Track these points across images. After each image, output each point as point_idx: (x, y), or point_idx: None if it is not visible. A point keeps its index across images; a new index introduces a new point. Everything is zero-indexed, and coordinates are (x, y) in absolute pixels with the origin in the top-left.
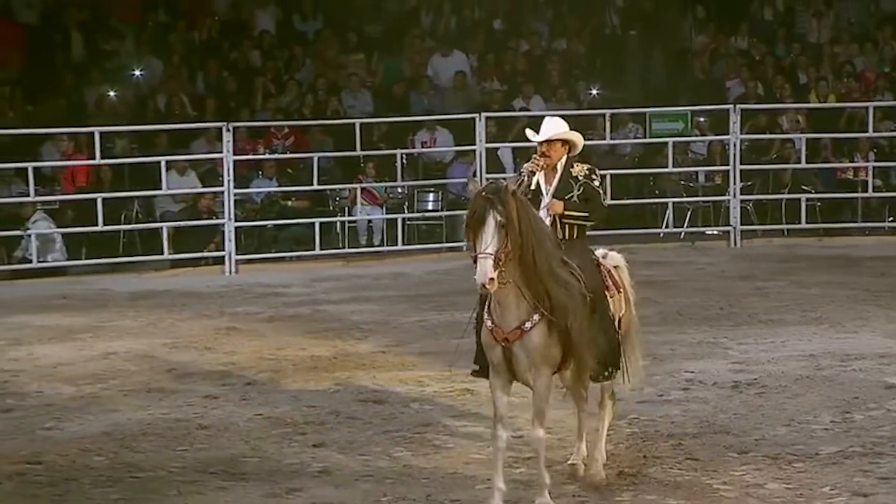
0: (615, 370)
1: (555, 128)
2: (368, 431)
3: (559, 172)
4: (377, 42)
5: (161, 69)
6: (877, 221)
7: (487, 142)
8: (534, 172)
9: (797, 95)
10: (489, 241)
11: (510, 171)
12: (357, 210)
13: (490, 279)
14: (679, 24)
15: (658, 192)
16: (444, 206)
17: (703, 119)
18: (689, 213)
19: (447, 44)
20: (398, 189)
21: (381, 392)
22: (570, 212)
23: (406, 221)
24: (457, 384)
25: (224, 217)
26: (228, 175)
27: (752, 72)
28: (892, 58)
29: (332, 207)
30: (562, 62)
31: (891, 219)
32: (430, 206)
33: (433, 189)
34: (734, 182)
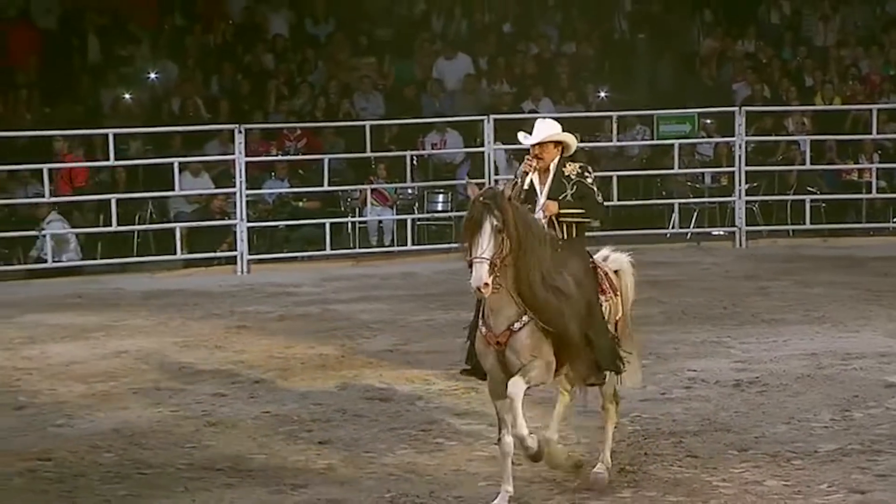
0: (608, 373)
1: (547, 130)
2: (374, 429)
3: (552, 173)
4: (388, 45)
5: (176, 72)
6: (881, 222)
7: (495, 143)
8: (527, 174)
9: (803, 98)
10: (485, 246)
11: (503, 173)
12: (367, 211)
13: (485, 283)
14: (687, 28)
15: (665, 193)
16: (454, 207)
17: (710, 121)
18: (696, 214)
19: (458, 47)
20: (408, 190)
21: (388, 390)
22: (566, 210)
23: (416, 222)
24: (462, 382)
25: (236, 218)
26: (240, 176)
27: (759, 75)
28: None
29: (343, 208)
30: (571, 65)
31: (895, 219)
32: (440, 207)
33: (443, 190)
34: (739, 183)
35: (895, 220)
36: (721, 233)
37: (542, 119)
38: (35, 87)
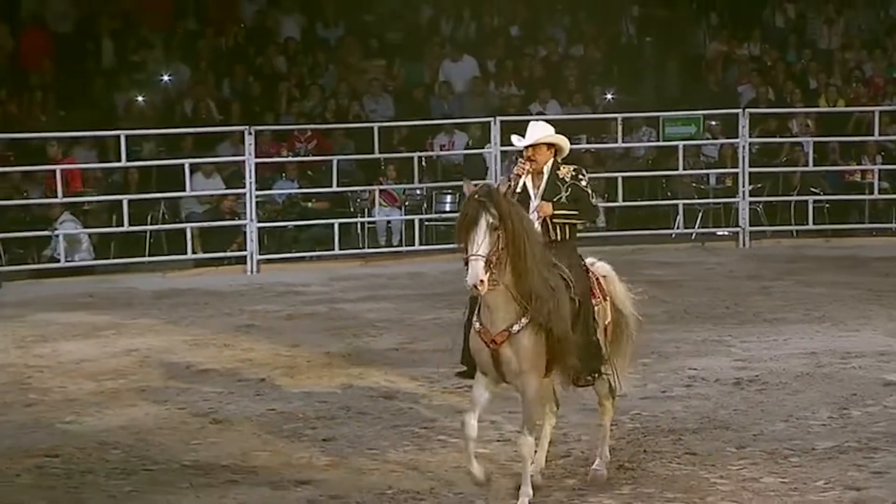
0: (597, 375)
1: (540, 132)
2: (377, 426)
3: (546, 175)
4: (398, 48)
5: (189, 75)
6: (883, 223)
7: (502, 145)
8: (520, 176)
9: (807, 100)
10: (481, 243)
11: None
12: (376, 211)
13: (481, 281)
14: (693, 32)
15: (670, 194)
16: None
17: (715, 123)
18: (700, 215)
19: (467, 50)
20: (416, 191)
21: (392, 388)
22: (560, 212)
23: (424, 222)
24: (466, 380)
25: (246, 218)
26: (250, 177)
27: (764, 77)
28: None
29: (353, 209)
30: (578, 68)
31: None
32: (448, 208)
33: (451, 191)
34: (743, 184)
35: None
36: (725, 233)
37: (535, 122)
38: (50, 90)
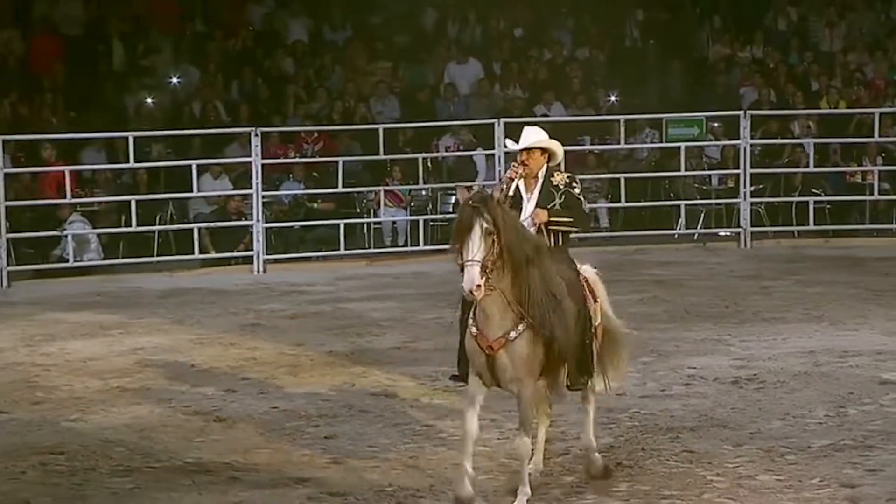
0: (591, 378)
1: (534, 136)
2: (378, 424)
3: (540, 181)
4: (404, 51)
5: (198, 77)
6: (884, 223)
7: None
8: (512, 179)
9: (809, 102)
10: (476, 249)
11: (483, 177)
12: (381, 212)
13: (477, 286)
14: (696, 35)
15: (673, 195)
16: None
17: (718, 125)
18: (703, 215)
19: (473, 53)
20: (422, 191)
21: (394, 386)
22: (555, 219)
23: (429, 223)
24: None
25: (253, 218)
26: (257, 178)
27: (766, 79)
28: None
29: (359, 209)
30: (583, 70)
31: None
32: (452, 208)
33: (456, 192)
34: (744, 185)
35: None
36: (727, 233)
37: (529, 127)
38: (60, 93)
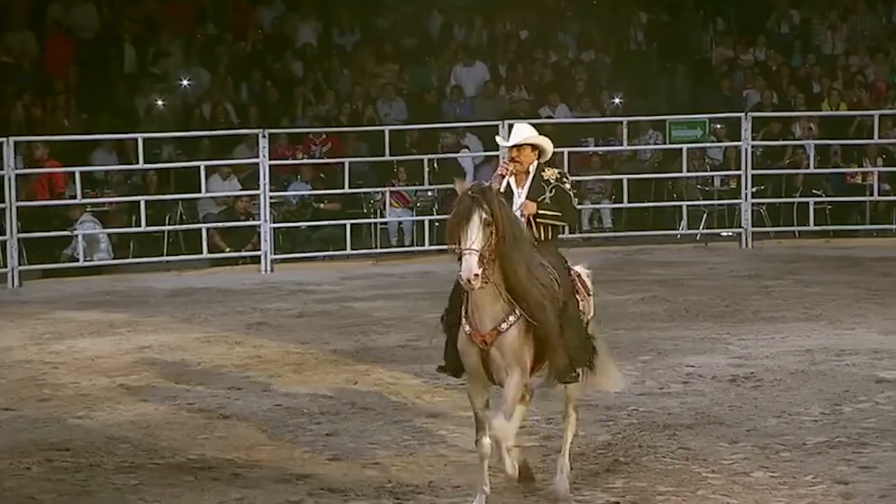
0: (580, 371)
1: (525, 133)
2: (380, 421)
3: (531, 176)
4: (412, 54)
5: (208, 79)
6: (884, 224)
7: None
8: (503, 176)
9: (811, 104)
10: (474, 238)
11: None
12: (387, 212)
13: (475, 275)
14: (699, 38)
15: (676, 196)
16: None
17: (720, 126)
18: (705, 216)
19: (479, 56)
20: (427, 192)
21: (397, 384)
22: (543, 212)
23: (434, 223)
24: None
25: (260, 219)
26: (264, 179)
27: (769, 81)
28: None
29: (366, 209)
30: (588, 73)
31: None
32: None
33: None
34: (745, 186)
35: None
36: (729, 234)
37: (520, 124)
38: (73, 95)
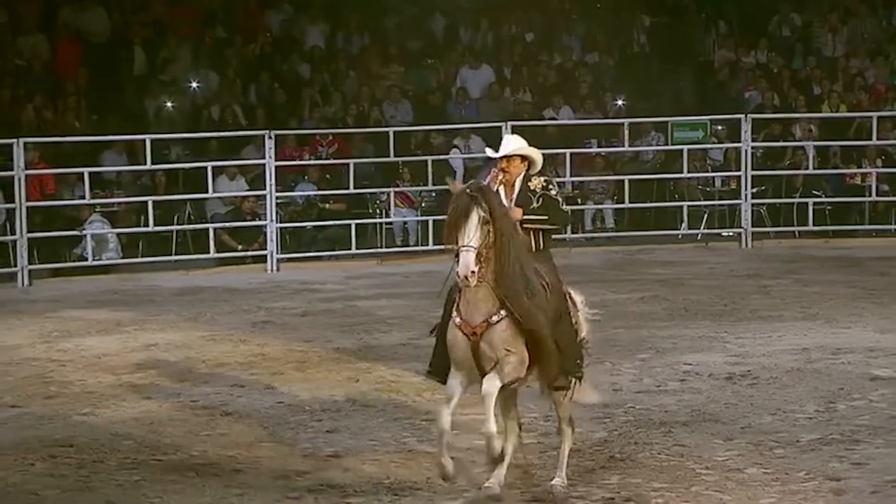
0: (573, 377)
1: (515, 144)
2: (380, 419)
3: (518, 187)
4: (417, 56)
5: (217, 81)
6: (883, 224)
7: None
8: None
9: (811, 106)
10: (472, 235)
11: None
12: (393, 212)
13: (472, 272)
14: (702, 40)
15: (677, 197)
16: None
17: (721, 128)
18: (706, 216)
19: (484, 58)
20: (432, 192)
21: (398, 382)
22: (529, 217)
23: (439, 223)
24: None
25: (267, 219)
26: (270, 179)
27: (770, 84)
28: None
29: (371, 210)
30: (591, 75)
31: None
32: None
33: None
34: (745, 187)
35: None
36: (729, 234)
37: (509, 135)
38: (83, 97)
